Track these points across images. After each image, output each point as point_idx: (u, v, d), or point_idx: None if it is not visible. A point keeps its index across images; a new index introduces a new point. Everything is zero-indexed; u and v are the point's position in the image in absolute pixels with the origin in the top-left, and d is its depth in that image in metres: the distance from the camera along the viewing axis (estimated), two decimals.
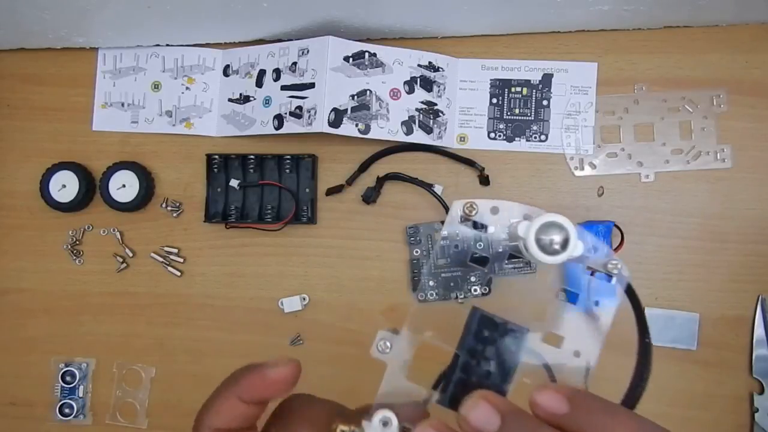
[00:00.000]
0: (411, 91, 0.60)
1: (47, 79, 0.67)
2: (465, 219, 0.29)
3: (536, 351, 0.27)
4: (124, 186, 0.63)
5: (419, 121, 0.60)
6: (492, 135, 0.62)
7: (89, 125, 0.66)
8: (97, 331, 0.65)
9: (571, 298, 0.62)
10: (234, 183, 0.63)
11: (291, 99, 0.60)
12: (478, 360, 0.27)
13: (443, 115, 0.61)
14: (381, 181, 0.62)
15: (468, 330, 0.27)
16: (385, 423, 0.25)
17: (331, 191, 0.63)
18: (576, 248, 0.26)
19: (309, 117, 0.58)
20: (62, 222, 0.65)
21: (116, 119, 0.66)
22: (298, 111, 0.59)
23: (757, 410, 0.58)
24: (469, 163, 0.61)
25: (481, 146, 0.62)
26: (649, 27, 0.60)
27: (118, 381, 0.64)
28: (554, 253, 0.26)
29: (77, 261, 0.65)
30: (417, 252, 0.62)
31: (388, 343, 0.26)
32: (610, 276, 0.27)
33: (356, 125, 0.58)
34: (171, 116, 0.65)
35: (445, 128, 0.61)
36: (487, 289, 0.60)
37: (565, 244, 0.26)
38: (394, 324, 0.28)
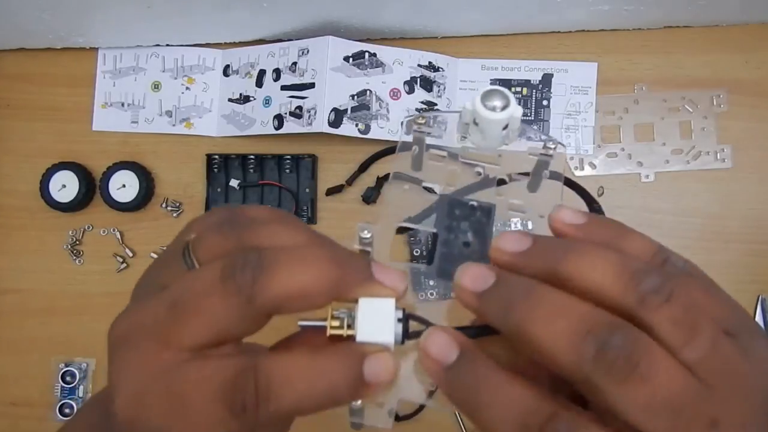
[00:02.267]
0: (411, 91, 0.60)
1: (47, 79, 0.67)
2: (418, 133, 0.33)
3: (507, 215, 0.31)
4: (124, 186, 0.63)
5: None
6: None
7: (89, 125, 0.66)
8: (97, 331, 0.64)
9: None
10: (234, 183, 0.63)
11: (291, 99, 0.60)
12: (456, 234, 0.30)
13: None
14: (381, 181, 0.62)
15: (440, 212, 0.31)
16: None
17: (331, 191, 0.62)
18: (516, 110, 0.30)
19: (309, 117, 0.58)
20: (62, 222, 0.65)
21: (116, 119, 0.66)
22: (298, 111, 0.59)
23: None
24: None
25: None
26: (649, 27, 0.60)
27: None
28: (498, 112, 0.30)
29: (77, 261, 0.65)
30: (417, 252, 0.62)
31: (369, 233, 0.27)
32: (549, 155, 0.31)
33: (356, 125, 0.58)
34: (171, 116, 0.65)
35: (446, 128, 0.61)
36: None
37: (505, 107, 0.30)
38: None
